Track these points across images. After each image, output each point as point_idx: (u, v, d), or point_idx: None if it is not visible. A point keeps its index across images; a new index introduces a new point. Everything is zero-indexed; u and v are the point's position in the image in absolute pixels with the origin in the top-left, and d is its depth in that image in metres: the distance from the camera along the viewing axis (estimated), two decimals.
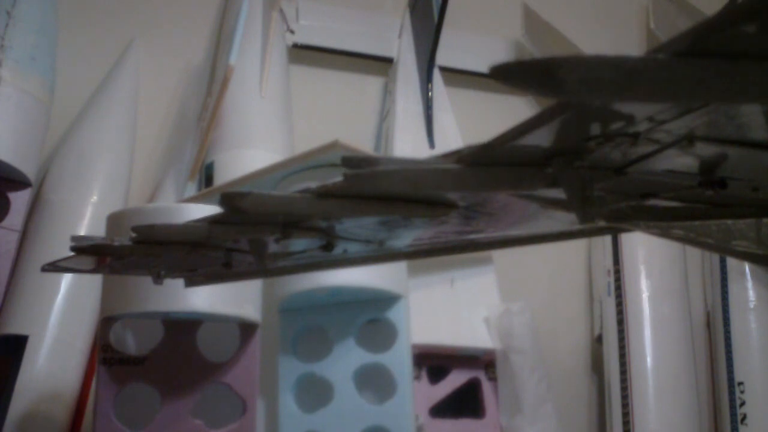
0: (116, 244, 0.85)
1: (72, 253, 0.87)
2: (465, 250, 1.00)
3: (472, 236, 0.91)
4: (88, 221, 1.86)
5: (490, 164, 0.58)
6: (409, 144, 2.17)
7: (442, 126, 2.25)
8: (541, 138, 0.54)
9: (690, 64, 0.40)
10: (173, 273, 0.98)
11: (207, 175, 1.96)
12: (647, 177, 0.63)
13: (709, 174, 0.60)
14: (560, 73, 0.40)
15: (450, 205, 0.70)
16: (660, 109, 0.49)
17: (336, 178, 0.61)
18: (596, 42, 2.62)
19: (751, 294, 2.18)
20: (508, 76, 0.40)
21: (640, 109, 0.49)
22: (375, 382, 1.65)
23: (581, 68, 0.40)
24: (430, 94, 2.29)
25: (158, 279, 0.94)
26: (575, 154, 0.57)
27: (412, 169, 0.60)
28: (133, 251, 0.85)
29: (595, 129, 0.53)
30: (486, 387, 1.96)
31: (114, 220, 1.47)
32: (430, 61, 2.33)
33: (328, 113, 2.36)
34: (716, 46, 0.39)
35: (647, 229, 0.80)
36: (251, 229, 0.78)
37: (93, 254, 0.91)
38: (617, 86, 0.41)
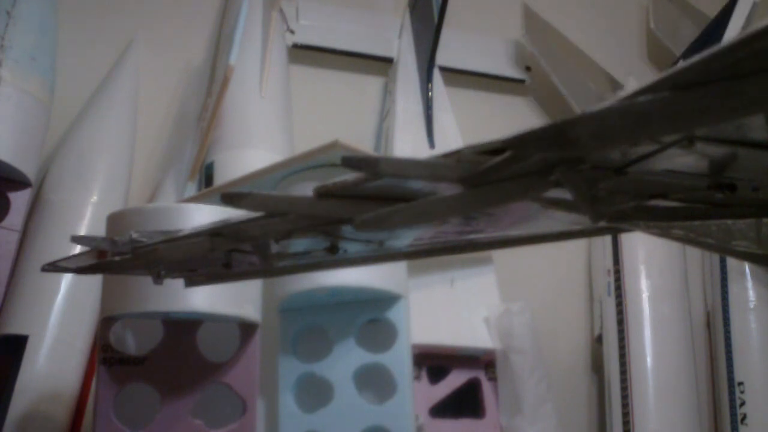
0: (117, 259, 0.85)
1: (73, 254, 0.88)
2: (465, 250, 1.00)
3: (472, 236, 0.91)
4: (88, 221, 1.86)
5: (494, 182, 0.58)
6: (409, 144, 2.17)
7: (442, 126, 2.25)
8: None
9: (695, 94, 0.40)
10: (173, 273, 0.98)
11: (207, 175, 1.96)
12: (649, 177, 0.63)
13: (718, 176, 0.59)
14: (573, 133, 0.40)
15: None
16: None
17: (336, 178, 0.61)
18: (596, 42, 2.63)
19: (751, 294, 2.18)
20: (524, 145, 0.40)
21: None
22: (375, 382, 1.65)
23: (592, 123, 0.40)
24: (430, 94, 2.29)
25: (158, 279, 0.94)
26: (577, 159, 0.57)
27: (419, 205, 0.60)
28: (134, 264, 0.86)
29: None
30: (486, 387, 1.96)
31: (114, 220, 1.47)
32: (430, 61, 2.33)
33: (328, 113, 2.36)
34: (719, 71, 0.39)
35: (647, 229, 0.80)
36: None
37: (94, 273, 0.91)
38: (628, 132, 0.42)
